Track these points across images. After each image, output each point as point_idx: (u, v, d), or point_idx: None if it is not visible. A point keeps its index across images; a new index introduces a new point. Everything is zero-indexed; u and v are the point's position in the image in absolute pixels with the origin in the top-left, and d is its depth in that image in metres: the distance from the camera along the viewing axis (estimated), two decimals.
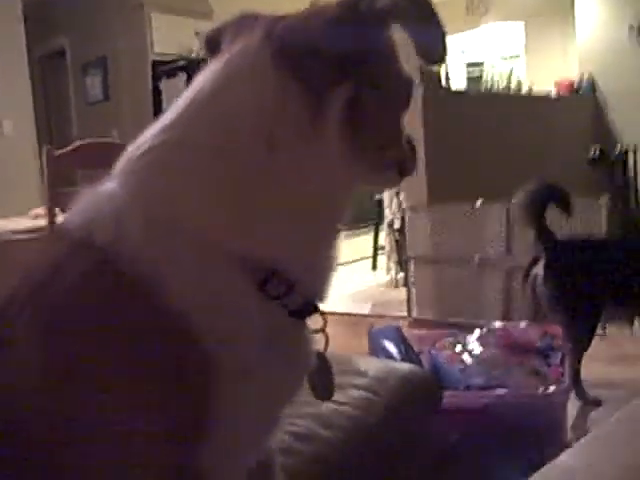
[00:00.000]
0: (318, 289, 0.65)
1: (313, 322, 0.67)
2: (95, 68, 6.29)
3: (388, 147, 0.67)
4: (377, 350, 1.83)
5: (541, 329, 1.97)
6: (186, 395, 0.54)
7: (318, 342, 0.69)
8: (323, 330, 0.69)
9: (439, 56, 0.65)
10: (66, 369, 0.54)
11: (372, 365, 1.24)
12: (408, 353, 1.78)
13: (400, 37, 0.65)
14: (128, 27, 6.00)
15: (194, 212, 0.57)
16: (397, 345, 1.78)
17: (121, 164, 0.62)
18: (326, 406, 1.05)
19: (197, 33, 5.91)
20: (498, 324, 2.06)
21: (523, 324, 2.02)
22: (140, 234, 0.55)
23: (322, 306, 0.66)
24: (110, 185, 0.60)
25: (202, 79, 0.63)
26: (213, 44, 0.66)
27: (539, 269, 2.26)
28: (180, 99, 0.62)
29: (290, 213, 0.60)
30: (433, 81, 3.98)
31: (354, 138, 0.61)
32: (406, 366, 1.24)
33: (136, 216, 0.56)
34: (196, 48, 5.80)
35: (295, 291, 0.60)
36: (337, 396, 1.12)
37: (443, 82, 4.50)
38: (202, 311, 0.55)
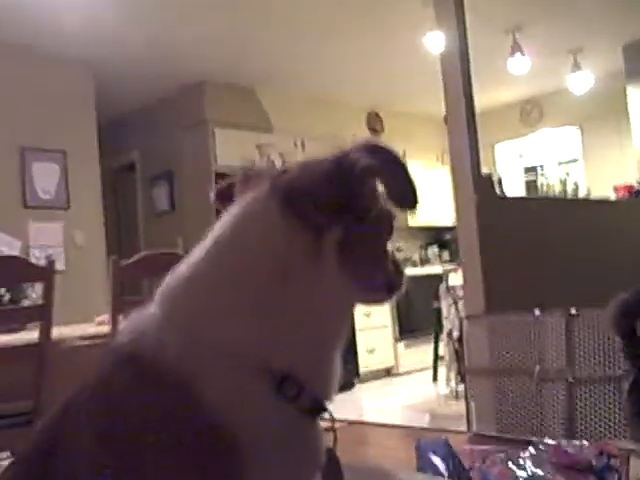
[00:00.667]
0: (325, 391, 0.75)
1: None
2: (162, 180, 6.60)
3: (376, 272, 0.76)
4: (425, 464, 1.77)
5: (598, 448, 1.88)
6: (220, 474, 0.65)
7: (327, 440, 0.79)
8: (333, 429, 0.80)
9: (410, 203, 0.75)
10: (120, 464, 0.65)
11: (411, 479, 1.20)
12: (457, 469, 1.71)
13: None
14: (193, 142, 6.32)
15: (221, 331, 0.69)
16: (445, 460, 1.73)
17: (161, 291, 0.74)
18: None
19: (257, 146, 6.17)
20: (552, 442, 1.97)
21: (578, 442, 1.93)
22: (177, 349, 0.67)
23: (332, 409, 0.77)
24: (152, 309, 0.73)
25: (221, 223, 0.75)
26: (224, 196, 0.80)
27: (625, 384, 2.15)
28: (206, 239, 0.76)
29: (301, 329, 0.71)
30: (487, 188, 4.01)
31: (348, 267, 0.72)
32: None
33: (173, 335, 0.69)
34: (257, 160, 6.05)
35: (306, 392, 0.71)
36: None
37: (497, 189, 4.54)
38: (232, 412, 0.65)
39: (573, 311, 3.32)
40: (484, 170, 4.35)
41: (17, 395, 2.41)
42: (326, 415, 0.77)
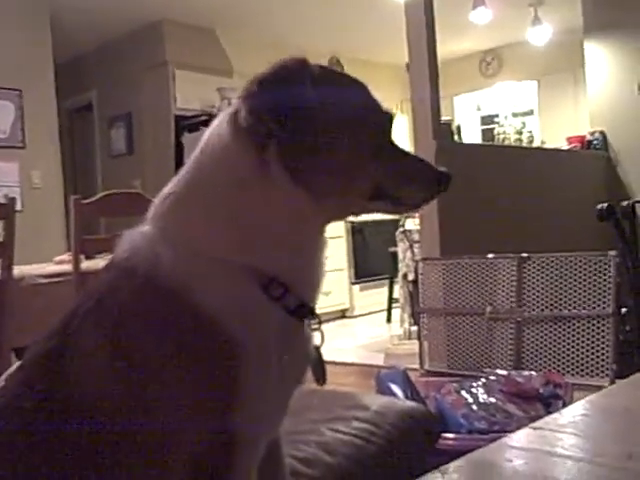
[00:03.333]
0: (309, 293, 0.81)
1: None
2: (120, 122, 6.52)
3: (353, 182, 0.80)
4: (384, 393, 1.88)
5: (544, 377, 2.02)
6: (221, 375, 0.70)
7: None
8: (319, 328, 0.85)
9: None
10: (128, 360, 0.71)
11: (375, 401, 1.30)
12: (413, 396, 1.83)
13: None
14: (152, 84, 6.23)
15: (208, 240, 0.75)
16: (403, 388, 1.84)
17: (151, 210, 0.80)
18: (331, 435, 1.12)
19: (218, 89, 6.12)
20: (502, 372, 2.11)
21: (527, 372, 2.07)
22: (172, 261, 0.73)
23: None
24: (144, 227, 0.79)
25: (201, 141, 0.82)
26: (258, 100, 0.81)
27: None
28: (190, 158, 0.82)
29: (271, 235, 0.77)
30: (445, 134, 4.10)
31: (299, 176, 0.76)
32: (408, 403, 1.30)
33: (166, 248, 0.74)
34: (217, 104, 6.01)
35: (290, 293, 0.76)
36: (341, 427, 1.19)
37: (455, 136, 4.63)
38: (227, 311, 0.71)
39: (524, 255, 3.46)
40: (444, 118, 4.42)
41: None
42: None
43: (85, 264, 2.42)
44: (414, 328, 4.59)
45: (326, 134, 0.77)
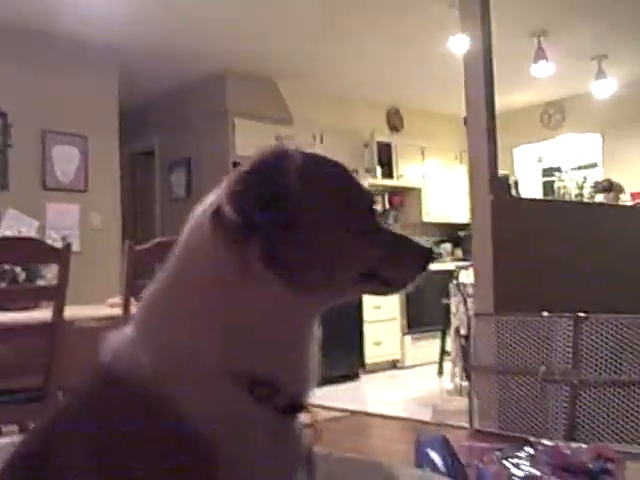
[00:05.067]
0: (300, 389, 0.78)
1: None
2: (180, 167, 6.66)
3: (341, 271, 0.77)
4: (422, 459, 1.81)
5: (595, 451, 1.90)
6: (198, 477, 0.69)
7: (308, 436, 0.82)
8: (312, 425, 0.82)
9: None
10: (112, 475, 0.69)
11: (404, 474, 1.24)
12: (454, 465, 1.75)
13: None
14: (213, 130, 6.37)
15: (190, 345, 0.73)
16: (442, 455, 1.76)
17: (136, 311, 0.80)
18: None
19: (277, 137, 6.21)
20: (550, 442, 2.00)
21: (576, 445, 1.96)
22: (151, 367, 0.72)
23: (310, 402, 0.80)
24: (129, 329, 0.78)
25: (181, 238, 0.82)
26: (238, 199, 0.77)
27: None
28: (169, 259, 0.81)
29: (255, 334, 0.74)
30: (502, 189, 4.03)
31: (283, 274, 0.74)
32: (436, 477, 1.23)
33: (147, 354, 0.73)
34: None
35: (280, 392, 0.74)
36: None
37: (513, 191, 4.55)
38: (207, 418, 0.70)
39: (581, 314, 3.34)
40: (501, 172, 4.36)
41: (29, 371, 2.47)
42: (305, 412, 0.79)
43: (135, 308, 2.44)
44: (465, 383, 4.47)
45: (311, 225, 0.75)
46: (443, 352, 5.60)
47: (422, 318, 6.44)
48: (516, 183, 4.47)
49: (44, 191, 5.12)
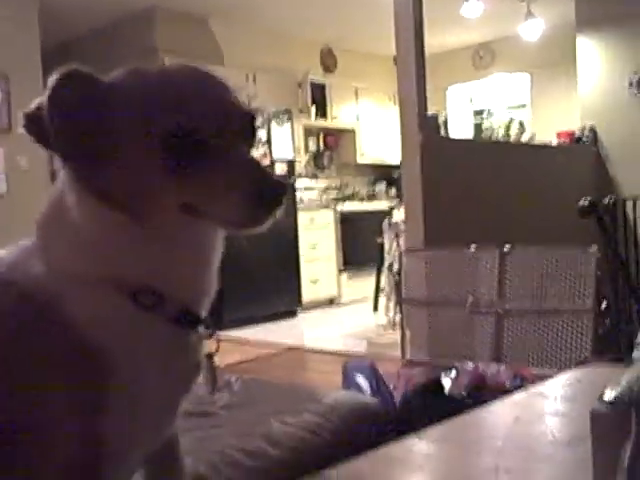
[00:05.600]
0: (194, 299, 0.79)
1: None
2: None
3: (148, 202, 0.74)
4: (350, 384, 1.89)
5: (513, 371, 2.03)
6: (87, 381, 0.72)
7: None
8: (211, 335, 0.83)
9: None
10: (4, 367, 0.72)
11: (331, 394, 1.31)
12: (380, 389, 1.84)
13: None
14: None
15: (67, 258, 0.76)
16: (369, 380, 1.85)
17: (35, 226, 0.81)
18: (278, 427, 1.12)
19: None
20: (471, 365, 2.12)
21: (495, 366, 2.08)
22: (42, 276, 0.75)
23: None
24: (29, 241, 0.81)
25: None
26: (36, 123, 0.75)
27: None
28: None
29: (120, 246, 0.76)
30: (431, 129, 4.10)
31: (103, 197, 0.74)
32: (361, 397, 1.31)
33: (39, 264, 0.76)
34: None
35: (167, 301, 0.75)
36: (290, 419, 1.20)
37: (442, 130, 4.63)
38: (90, 321, 0.73)
39: (506, 248, 3.47)
40: (433, 112, 4.43)
41: None
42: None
43: None
44: (399, 317, 4.61)
45: (105, 145, 0.73)
46: (378, 288, 5.74)
47: (358, 256, 6.57)
48: (445, 122, 4.55)
49: None
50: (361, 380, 1.86)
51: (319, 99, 7.38)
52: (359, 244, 6.43)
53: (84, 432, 0.72)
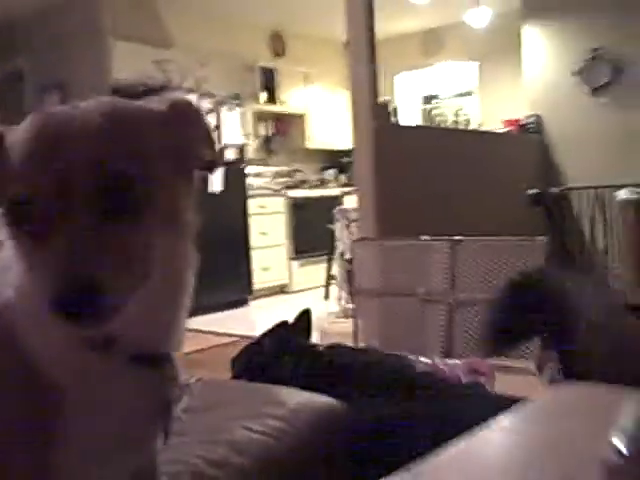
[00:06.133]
0: (144, 340, 0.76)
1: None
2: (53, 91, 6.29)
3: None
4: None
5: (468, 365, 2.05)
6: (38, 414, 0.71)
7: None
8: (174, 378, 0.81)
9: None
10: None
11: (294, 397, 1.30)
12: None
13: None
14: (87, 52, 6.03)
15: (25, 292, 0.72)
16: None
17: None
18: (241, 433, 1.11)
19: (157, 61, 5.97)
20: (427, 360, 2.14)
21: (452, 361, 2.10)
22: (8, 298, 0.73)
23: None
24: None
25: None
26: None
27: None
28: None
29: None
30: (383, 116, 4.10)
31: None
32: (324, 399, 1.30)
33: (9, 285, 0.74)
34: (155, 76, 5.86)
35: (119, 341, 0.73)
36: (254, 425, 1.18)
37: (392, 117, 4.64)
38: (44, 356, 0.72)
39: (457, 238, 3.50)
40: (382, 99, 4.43)
41: None
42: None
43: None
44: (351, 306, 4.62)
45: None
46: (329, 277, 5.75)
47: (309, 244, 6.56)
48: (395, 110, 4.56)
49: None
50: None
51: (269, 84, 7.31)
52: (310, 231, 6.42)
53: (36, 464, 0.71)
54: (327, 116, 7.89)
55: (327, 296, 5.79)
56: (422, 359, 2.17)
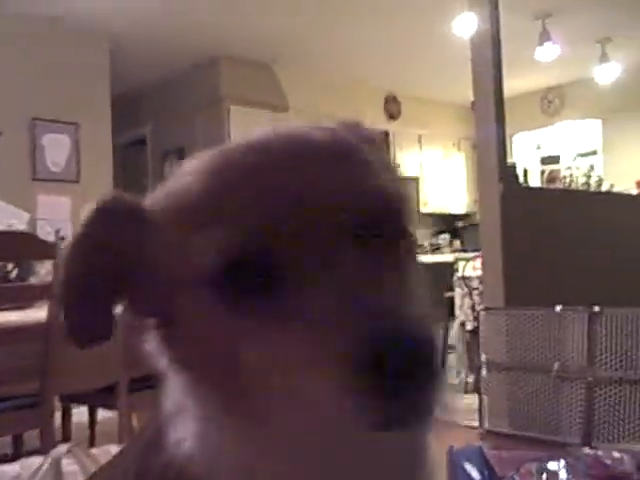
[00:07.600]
0: None
1: None
2: (173, 156, 6.49)
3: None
4: (457, 472, 1.68)
5: (637, 457, 1.78)
6: None
7: None
8: None
9: None
10: None
11: None
12: (491, 478, 1.62)
13: None
14: (207, 118, 6.20)
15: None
16: (480, 469, 1.63)
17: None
18: None
19: (274, 125, 6.05)
20: (589, 451, 1.88)
21: (618, 454, 1.83)
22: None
23: None
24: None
25: None
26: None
27: None
28: None
29: None
30: (511, 178, 3.91)
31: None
32: None
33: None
34: None
35: None
36: None
37: (521, 179, 4.42)
38: None
39: (596, 309, 3.23)
40: (510, 160, 4.25)
41: (23, 376, 2.33)
42: None
43: None
44: (471, 380, 4.37)
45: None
46: (445, 346, 5.49)
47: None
48: (525, 172, 4.34)
49: (34, 182, 4.95)
50: (471, 469, 1.64)
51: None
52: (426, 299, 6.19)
53: None
54: (441, 179, 7.74)
55: (442, 365, 5.52)
56: (583, 450, 1.90)
